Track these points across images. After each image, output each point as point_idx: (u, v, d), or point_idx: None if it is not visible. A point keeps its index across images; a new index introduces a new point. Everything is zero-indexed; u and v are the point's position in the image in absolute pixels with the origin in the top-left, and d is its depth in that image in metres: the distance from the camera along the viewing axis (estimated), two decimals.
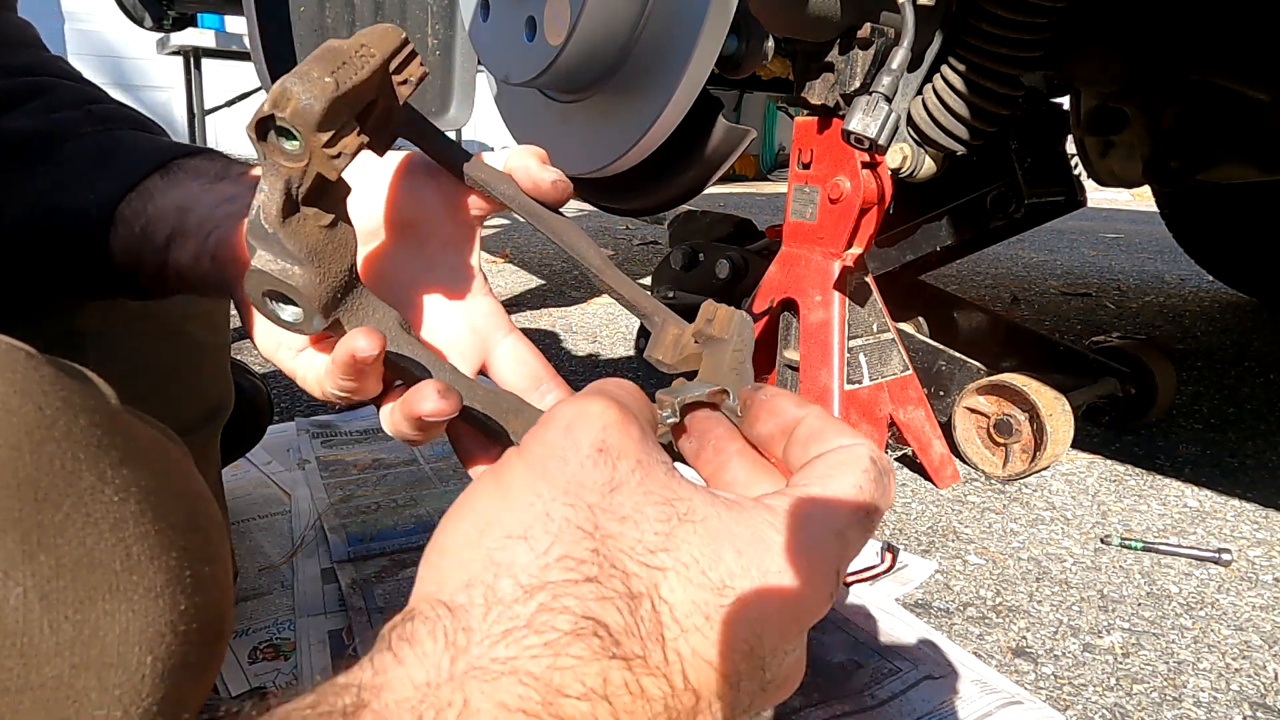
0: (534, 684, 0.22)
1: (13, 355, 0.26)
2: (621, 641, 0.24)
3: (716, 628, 0.25)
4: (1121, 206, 5.79)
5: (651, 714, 0.24)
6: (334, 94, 0.31)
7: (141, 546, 0.28)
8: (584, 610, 0.23)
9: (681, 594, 0.25)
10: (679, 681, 0.24)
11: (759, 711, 0.27)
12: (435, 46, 1.64)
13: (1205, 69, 1.18)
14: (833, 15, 0.91)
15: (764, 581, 0.26)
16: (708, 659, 0.25)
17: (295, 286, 0.34)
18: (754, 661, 0.25)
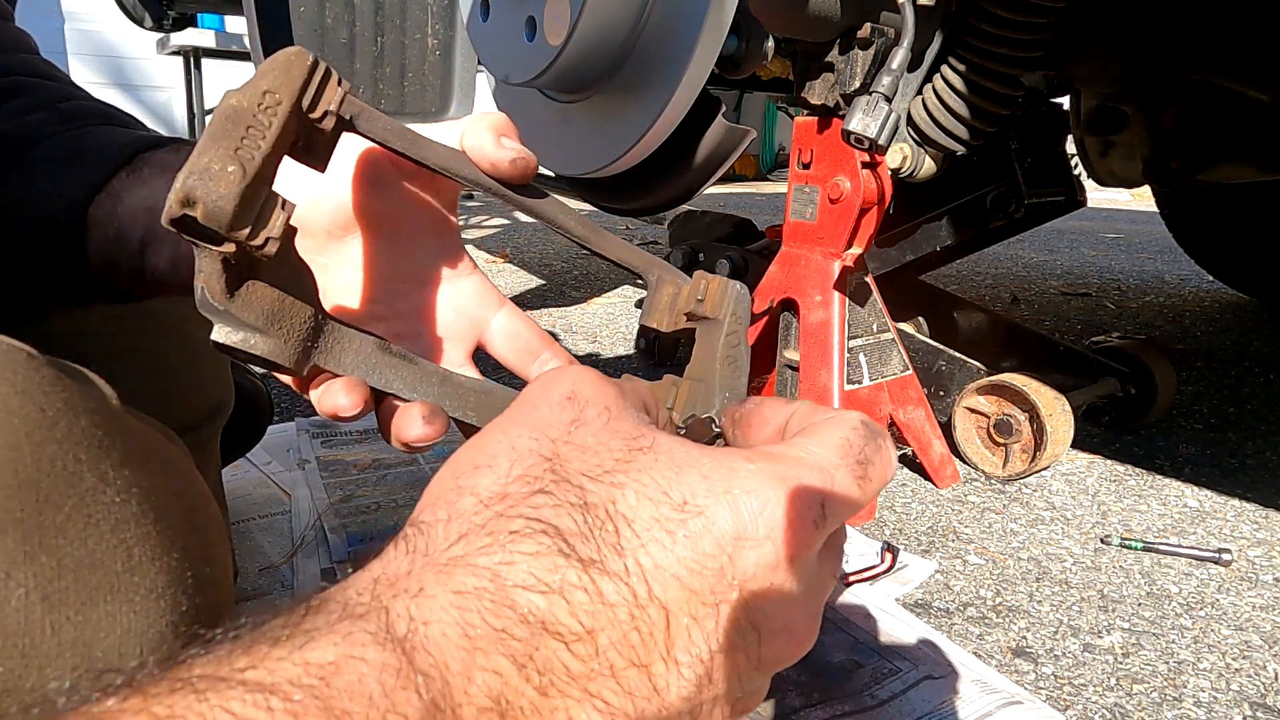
0: (485, 574, 0.22)
1: (13, 356, 0.26)
2: (574, 544, 0.23)
3: (679, 541, 0.24)
4: (1121, 206, 5.79)
5: (614, 620, 0.23)
6: (241, 185, 0.28)
7: (143, 547, 0.28)
8: (536, 515, 0.24)
9: (640, 509, 0.24)
10: (641, 590, 0.23)
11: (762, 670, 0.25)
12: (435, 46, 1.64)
13: (1205, 69, 1.18)
14: (833, 15, 0.91)
15: (731, 500, 0.25)
16: (673, 573, 0.24)
17: (260, 355, 0.33)
18: (728, 585, 0.24)
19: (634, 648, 0.23)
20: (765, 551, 0.25)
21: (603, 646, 0.23)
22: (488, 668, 0.21)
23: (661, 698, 0.23)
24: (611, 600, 0.23)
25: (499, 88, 1.52)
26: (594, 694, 0.22)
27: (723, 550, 0.24)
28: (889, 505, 1.07)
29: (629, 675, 0.23)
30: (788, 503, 0.25)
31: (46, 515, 0.25)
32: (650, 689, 0.23)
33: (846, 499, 0.27)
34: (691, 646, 0.24)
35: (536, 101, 1.43)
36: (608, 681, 0.22)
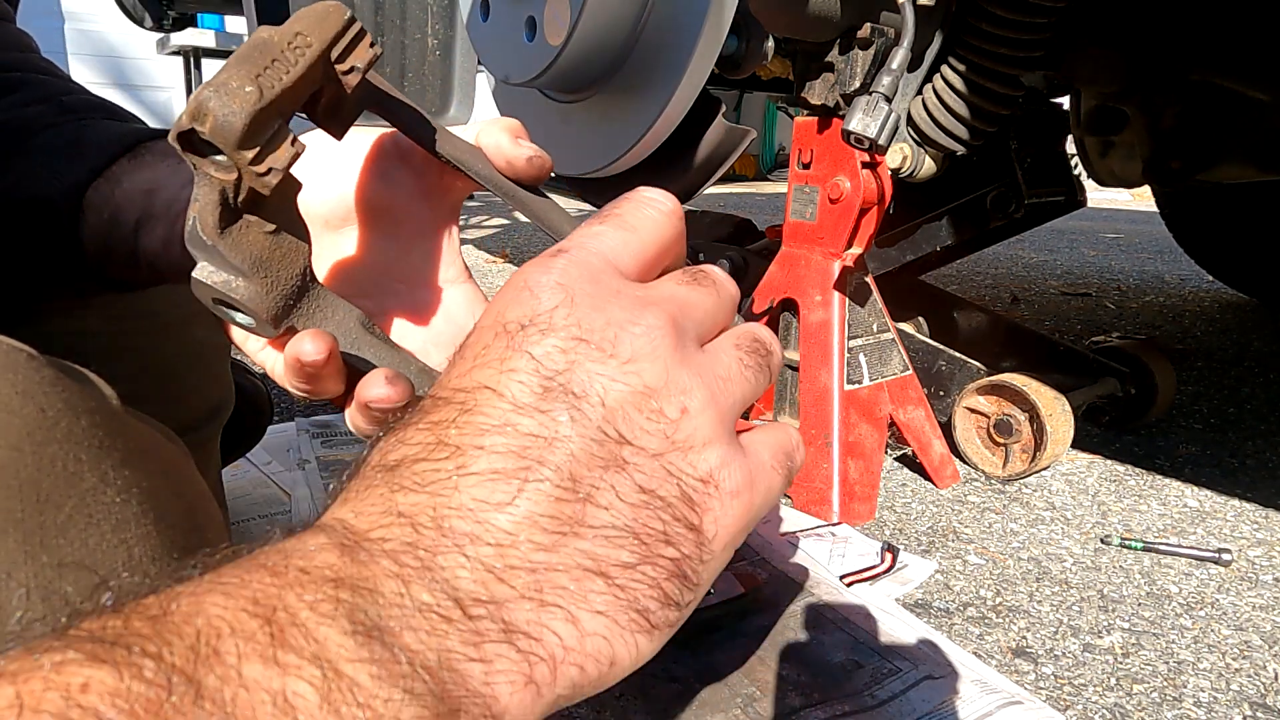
0: (370, 471, 0.24)
1: (14, 356, 0.26)
2: (435, 416, 0.25)
3: (465, 349, 0.26)
4: (1121, 206, 5.79)
5: (453, 421, 0.24)
6: (255, 106, 0.28)
7: (143, 548, 0.28)
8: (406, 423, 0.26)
9: (452, 374, 0.26)
10: (459, 396, 0.24)
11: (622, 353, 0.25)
12: (435, 46, 1.64)
13: (1205, 69, 1.18)
14: (833, 15, 0.91)
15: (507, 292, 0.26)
16: (470, 369, 0.25)
17: (239, 300, 0.32)
18: (508, 332, 0.25)
19: (480, 422, 0.24)
20: (523, 296, 0.25)
21: (454, 440, 0.23)
22: (372, 502, 0.23)
23: (545, 438, 0.23)
24: (439, 418, 0.24)
25: (499, 88, 1.52)
26: (478, 471, 0.23)
27: (494, 323, 0.26)
28: (889, 505, 1.07)
29: (496, 442, 0.23)
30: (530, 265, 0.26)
31: (47, 515, 0.25)
32: (525, 437, 0.23)
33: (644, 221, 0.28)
34: (525, 388, 0.24)
35: (536, 101, 1.43)
36: (481, 456, 0.23)
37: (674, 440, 0.24)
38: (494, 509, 0.22)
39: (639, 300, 0.26)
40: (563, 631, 0.22)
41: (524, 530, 0.22)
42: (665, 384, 0.25)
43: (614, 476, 0.23)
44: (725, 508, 0.25)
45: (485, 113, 2.38)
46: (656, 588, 0.23)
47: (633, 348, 0.25)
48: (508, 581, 0.21)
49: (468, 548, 0.21)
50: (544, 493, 0.22)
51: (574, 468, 0.23)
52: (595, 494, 0.23)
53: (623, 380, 0.24)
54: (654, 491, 0.24)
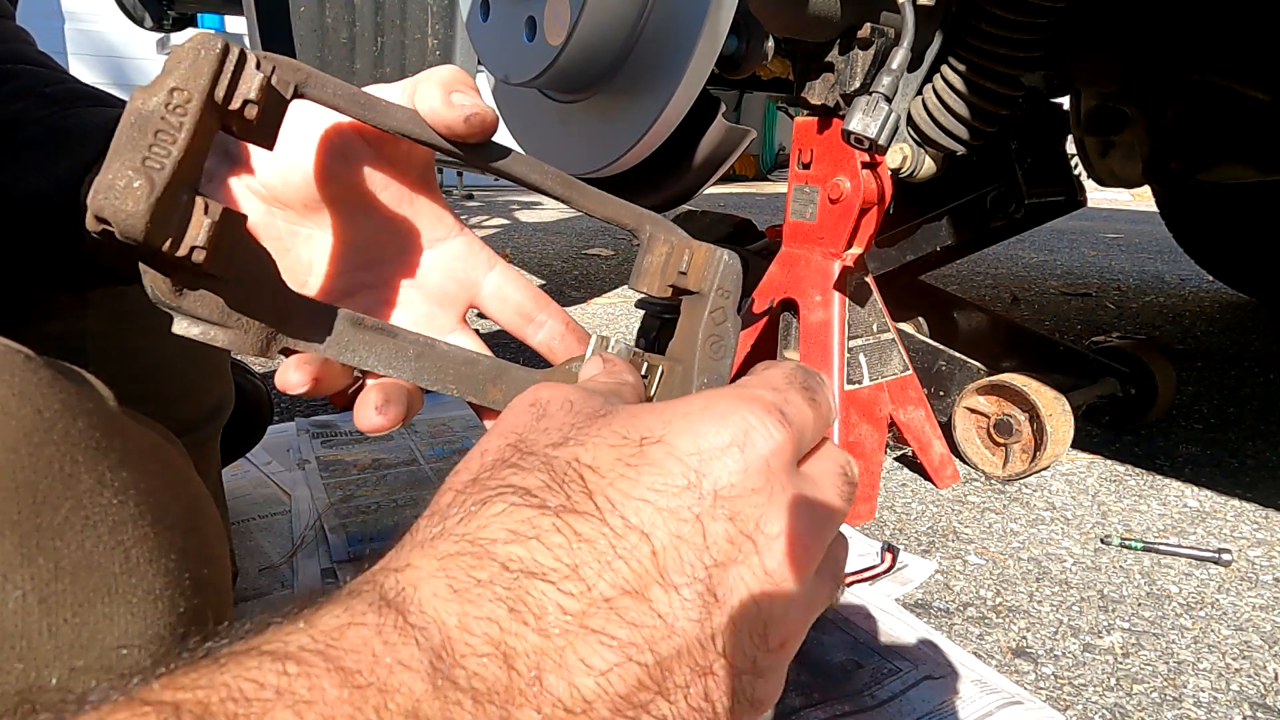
0: (463, 540, 0.23)
1: (11, 358, 0.26)
2: (542, 497, 0.24)
3: (644, 470, 0.24)
4: (1121, 206, 5.79)
5: (596, 553, 0.23)
6: (150, 199, 0.27)
7: (140, 549, 0.28)
8: (504, 483, 0.25)
9: (601, 455, 0.25)
10: (616, 521, 0.24)
11: (773, 588, 0.25)
12: (435, 47, 1.64)
13: (1205, 69, 1.18)
14: (833, 15, 0.91)
15: (688, 423, 0.25)
16: (642, 498, 0.24)
17: (221, 345, 0.32)
18: (702, 496, 0.24)
19: (623, 576, 0.23)
20: (732, 458, 0.25)
21: (590, 580, 0.23)
22: (481, 615, 0.21)
23: (669, 624, 0.23)
24: (588, 535, 0.23)
25: (499, 87, 1.52)
26: (596, 629, 0.22)
27: (689, 466, 0.24)
28: (889, 505, 1.07)
29: (627, 605, 0.23)
30: (746, 411, 0.25)
31: (44, 517, 0.25)
32: (654, 616, 0.23)
33: (802, 411, 0.27)
34: (684, 565, 0.24)
35: (536, 101, 1.43)
36: (606, 615, 0.23)
37: (758, 667, 0.25)
38: (588, 673, 0.22)
39: (804, 507, 0.26)
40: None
41: (599, 701, 0.22)
42: (784, 619, 0.25)
43: (694, 680, 0.24)
44: (776, 692, 0.26)
45: None
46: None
47: (786, 572, 0.25)
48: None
49: (547, 709, 0.21)
50: (634, 675, 0.23)
51: (672, 662, 0.23)
52: (671, 691, 0.23)
53: (755, 600, 0.24)
54: (714, 704, 0.24)
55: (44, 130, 0.45)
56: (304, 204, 0.39)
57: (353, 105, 0.34)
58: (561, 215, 4.15)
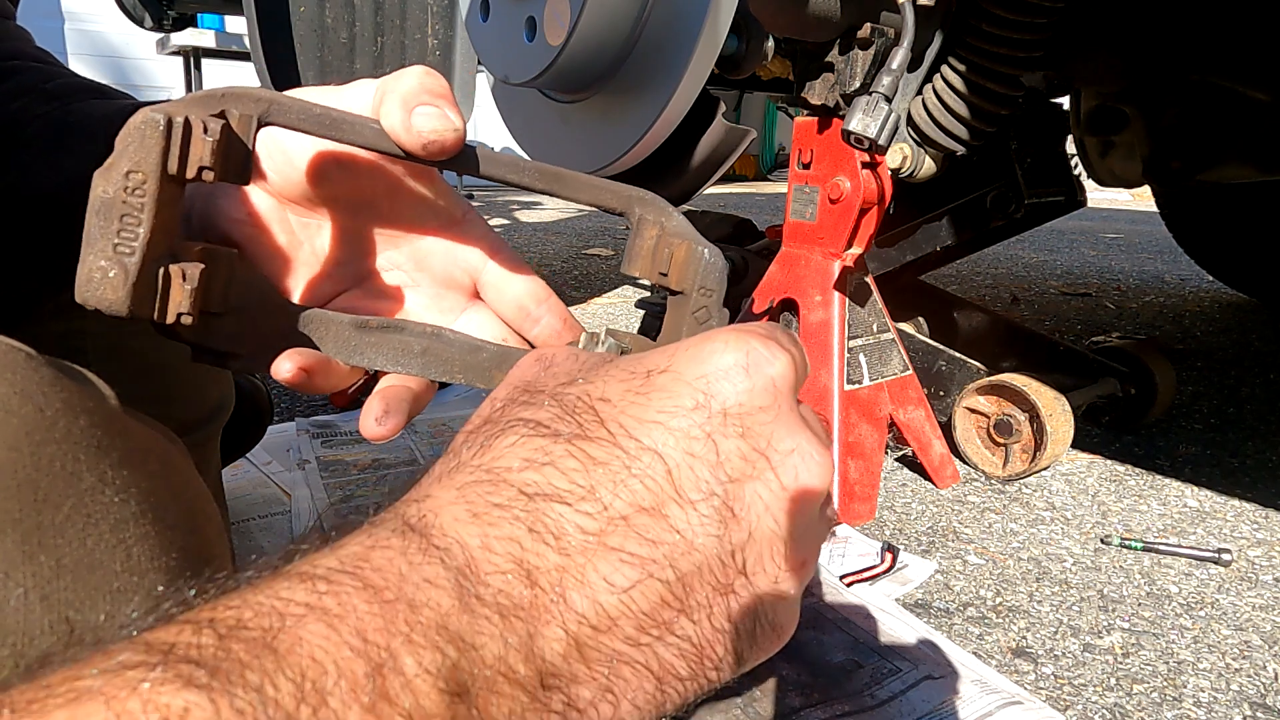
0: (479, 470, 0.24)
1: (13, 356, 0.26)
2: (555, 426, 0.24)
3: (654, 396, 0.25)
4: (1121, 206, 5.79)
5: (611, 474, 0.23)
6: (127, 285, 0.29)
7: (142, 548, 0.28)
8: (513, 417, 0.25)
9: (611, 388, 0.26)
10: (629, 444, 0.24)
11: (791, 507, 0.25)
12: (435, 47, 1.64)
13: (1205, 69, 1.18)
14: (833, 15, 0.91)
15: (694, 352, 0.26)
16: (653, 420, 0.24)
17: (236, 370, 0.35)
18: (711, 415, 0.25)
19: (639, 495, 0.23)
20: (739, 377, 0.25)
21: (607, 500, 0.23)
22: (502, 536, 0.22)
23: (688, 540, 0.23)
24: (602, 459, 0.24)
25: (498, 87, 1.52)
26: (615, 547, 0.23)
27: (696, 389, 0.25)
28: (889, 505, 1.07)
29: (645, 523, 0.23)
30: (748, 337, 0.26)
31: (45, 515, 0.25)
32: (672, 533, 0.23)
33: (792, 345, 0.28)
34: (700, 482, 0.24)
35: (536, 101, 1.43)
36: (625, 533, 0.23)
37: (779, 590, 0.25)
38: (610, 590, 0.23)
39: (819, 438, 0.26)
40: (605, 712, 0.23)
41: (623, 620, 0.23)
42: (803, 534, 0.25)
43: (716, 599, 0.24)
44: (771, 648, 0.26)
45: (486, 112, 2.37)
46: (686, 696, 0.24)
47: (802, 485, 0.25)
48: (588, 662, 0.22)
49: (571, 624, 0.22)
50: (656, 592, 0.23)
51: (693, 579, 0.23)
52: (694, 610, 0.24)
53: (778, 518, 0.25)
54: (736, 624, 0.24)
55: (47, 126, 0.46)
56: (308, 198, 0.39)
57: (319, 126, 0.34)
58: (561, 215, 4.15)
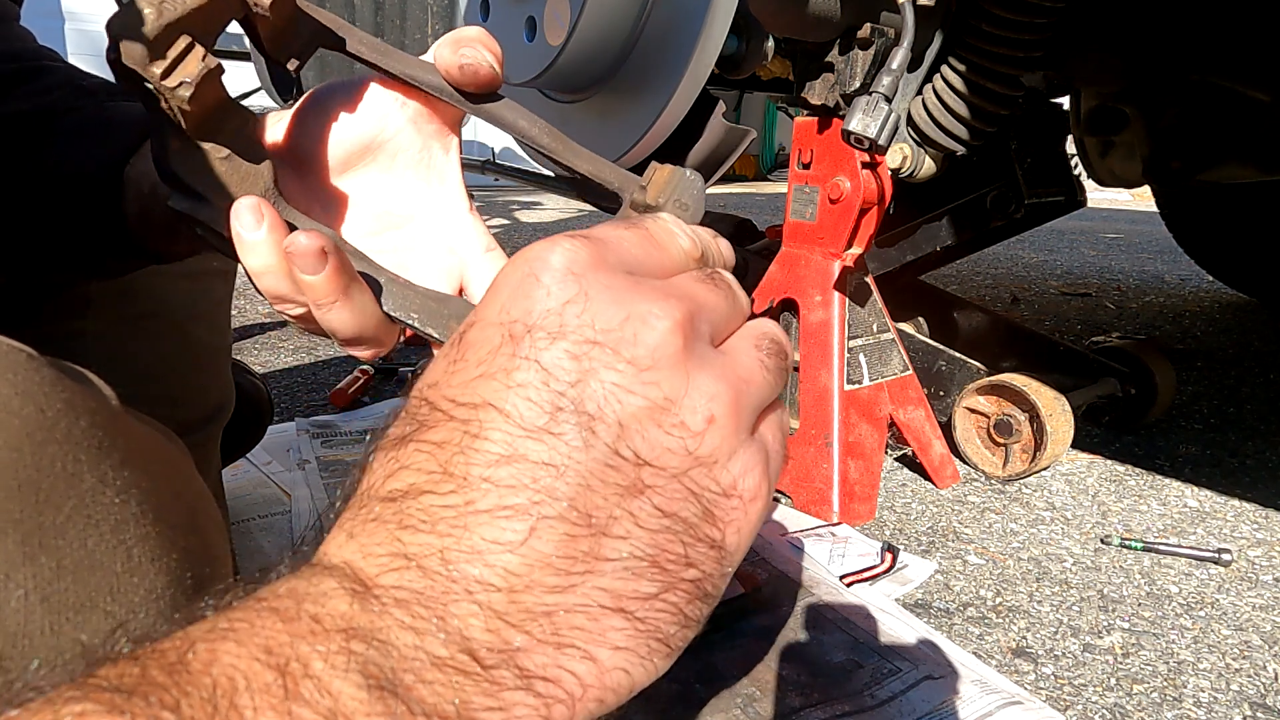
0: (350, 502, 0.24)
1: (14, 357, 0.26)
2: (399, 433, 0.24)
3: (466, 354, 0.24)
4: (1121, 206, 5.79)
5: (457, 448, 0.22)
6: (156, 24, 0.30)
7: (142, 548, 0.28)
8: (375, 449, 0.25)
9: (434, 369, 0.25)
10: (461, 413, 0.22)
11: (644, 361, 0.22)
12: None
13: (1205, 69, 1.18)
14: (833, 15, 0.91)
15: (488, 294, 0.25)
16: (472, 376, 0.23)
17: (202, 220, 0.35)
18: (519, 339, 0.23)
19: (488, 451, 0.22)
20: (530, 286, 0.23)
21: (461, 471, 0.22)
22: (379, 541, 0.22)
23: (556, 466, 0.21)
24: (442, 438, 0.22)
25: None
26: (488, 508, 0.21)
27: (498, 323, 0.23)
28: (889, 505, 1.07)
29: (506, 473, 0.22)
30: (535, 246, 0.24)
31: (46, 516, 0.25)
32: (537, 467, 0.22)
33: (577, 236, 0.25)
34: (538, 406, 0.22)
35: (536, 102, 1.43)
36: (491, 491, 0.21)
37: (697, 455, 0.22)
38: (504, 549, 0.21)
39: (657, 291, 0.24)
40: (581, 670, 0.21)
41: (536, 571, 0.21)
42: (688, 391, 0.22)
43: (631, 503, 0.22)
44: (747, 516, 0.23)
45: None
46: (678, 613, 0.22)
47: (652, 350, 0.22)
48: (522, 628, 0.21)
49: (479, 594, 0.21)
50: (556, 530, 0.21)
51: (587, 499, 0.21)
52: (611, 525, 0.21)
53: (641, 393, 0.22)
54: (675, 514, 0.22)
55: (85, 119, 0.47)
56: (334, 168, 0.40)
57: (372, 53, 0.38)
58: (561, 215, 4.15)
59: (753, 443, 0.24)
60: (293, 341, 1.70)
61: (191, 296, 0.66)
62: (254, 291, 2.13)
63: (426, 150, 0.41)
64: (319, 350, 1.62)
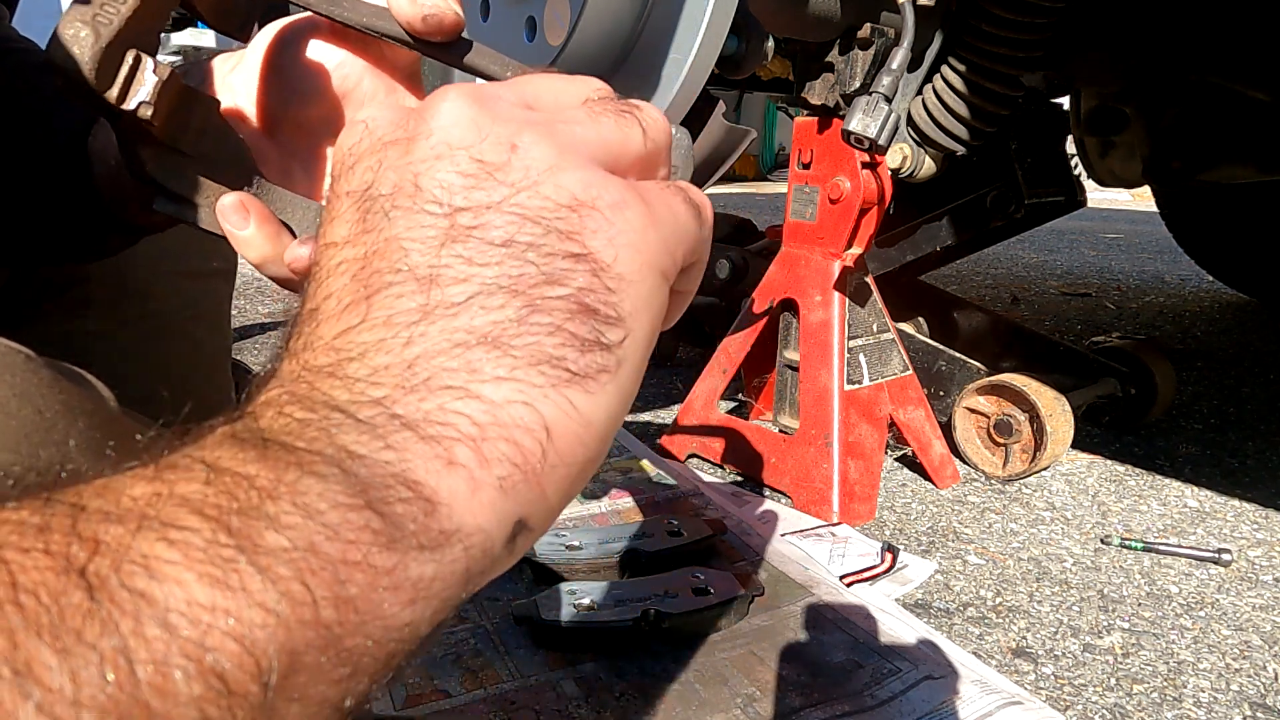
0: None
1: (11, 358, 0.26)
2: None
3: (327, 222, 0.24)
4: (1121, 206, 5.79)
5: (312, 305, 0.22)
6: (95, 47, 0.28)
7: None
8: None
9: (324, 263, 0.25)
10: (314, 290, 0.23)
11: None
12: None
13: (1205, 69, 1.18)
14: (833, 15, 0.91)
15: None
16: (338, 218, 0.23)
17: (198, 225, 0.34)
18: (343, 178, 0.23)
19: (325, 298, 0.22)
20: (350, 135, 0.24)
21: (303, 306, 0.23)
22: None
23: (354, 238, 0.22)
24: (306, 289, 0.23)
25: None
26: (327, 295, 0.22)
27: (336, 172, 0.24)
28: (889, 505, 1.07)
29: (321, 274, 0.22)
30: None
31: None
32: (336, 250, 0.22)
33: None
34: (333, 209, 0.23)
35: None
36: (312, 292, 0.22)
37: (510, 181, 0.22)
38: (351, 332, 0.21)
39: (438, 92, 0.24)
40: (468, 409, 0.20)
41: (384, 334, 0.21)
42: (477, 135, 0.22)
43: (458, 247, 0.22)
44: (613, 222, 0.22)
45: None
46: (560, 331, 0.21)
47: (434, 123, 0.23)
48: (384, 383, 0.20)
49: (337, 370, 0.21)
50: (389, 296, 0.21)
51: (408, 260, 0.21)
52: (442, 273, 0.21)
53: (431, 154, 0.22)
54: (512, 240, 0.22)
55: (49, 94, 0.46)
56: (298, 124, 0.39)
57: (322, 3, 0.35)
58: None
59: (597, 169, 0.23)
60: None
61: (191, 297, 0.66)
62: (254, 291, 2.14)
63: (393, 93, 0.40)
64: None
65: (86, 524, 0.15)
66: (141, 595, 0.15)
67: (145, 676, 0.14)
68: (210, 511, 0.16)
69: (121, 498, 0.16)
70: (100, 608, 0.14)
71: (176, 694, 0.14)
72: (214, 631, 0.15)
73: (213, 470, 0.17)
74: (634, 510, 0.97)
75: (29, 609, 0.14)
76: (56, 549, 0.15)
